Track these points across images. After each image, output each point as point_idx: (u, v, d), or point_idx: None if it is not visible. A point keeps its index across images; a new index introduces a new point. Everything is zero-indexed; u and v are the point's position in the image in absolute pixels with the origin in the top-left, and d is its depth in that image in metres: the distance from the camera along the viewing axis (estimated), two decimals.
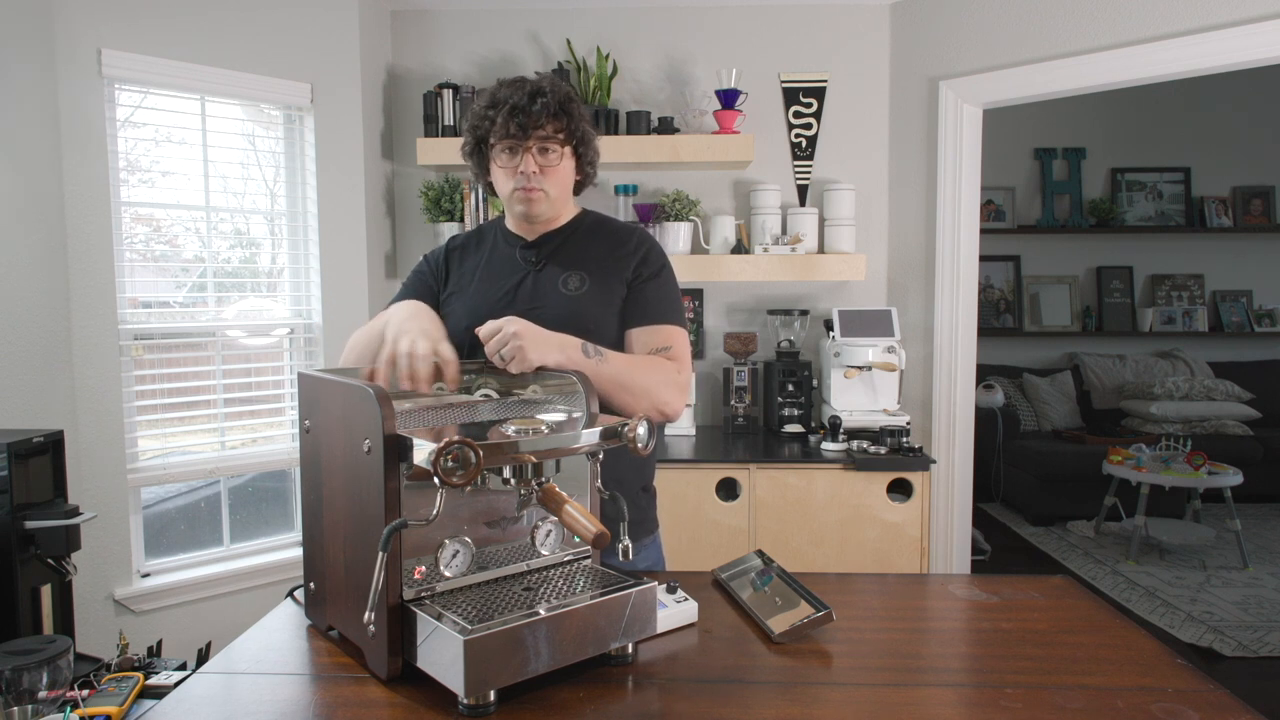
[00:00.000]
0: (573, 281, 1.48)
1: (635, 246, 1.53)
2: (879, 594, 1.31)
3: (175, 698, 0.97)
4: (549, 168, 1.44)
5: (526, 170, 1.43)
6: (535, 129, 1.41)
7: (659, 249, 1.57)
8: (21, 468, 1.97)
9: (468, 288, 1.54)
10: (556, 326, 1.39)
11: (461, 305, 1.53)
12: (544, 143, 1.43)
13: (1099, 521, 4.57)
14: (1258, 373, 5.44)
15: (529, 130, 1.41)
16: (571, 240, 1.54)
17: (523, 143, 1.42)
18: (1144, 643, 1.10)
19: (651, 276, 1.51)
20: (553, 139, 1.43)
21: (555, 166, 1.45)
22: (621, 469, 1.49)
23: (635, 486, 1.56)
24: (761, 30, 3.25)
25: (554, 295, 1.47)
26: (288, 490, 2.98)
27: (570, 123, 1.44)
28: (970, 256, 3.11)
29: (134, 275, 2.60)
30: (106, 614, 2.51)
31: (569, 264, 1.50)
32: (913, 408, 3.20)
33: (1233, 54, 2.54)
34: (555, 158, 1.45)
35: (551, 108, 1.41)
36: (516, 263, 1.52)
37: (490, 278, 1.53)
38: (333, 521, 1.08)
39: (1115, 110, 5.53)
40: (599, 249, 1.52)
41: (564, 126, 1.43)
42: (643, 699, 0.96)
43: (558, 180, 1.47)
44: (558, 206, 1.51)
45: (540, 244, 1.53)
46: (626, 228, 1.59)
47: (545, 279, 1.49)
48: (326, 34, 2.84)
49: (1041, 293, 5.71)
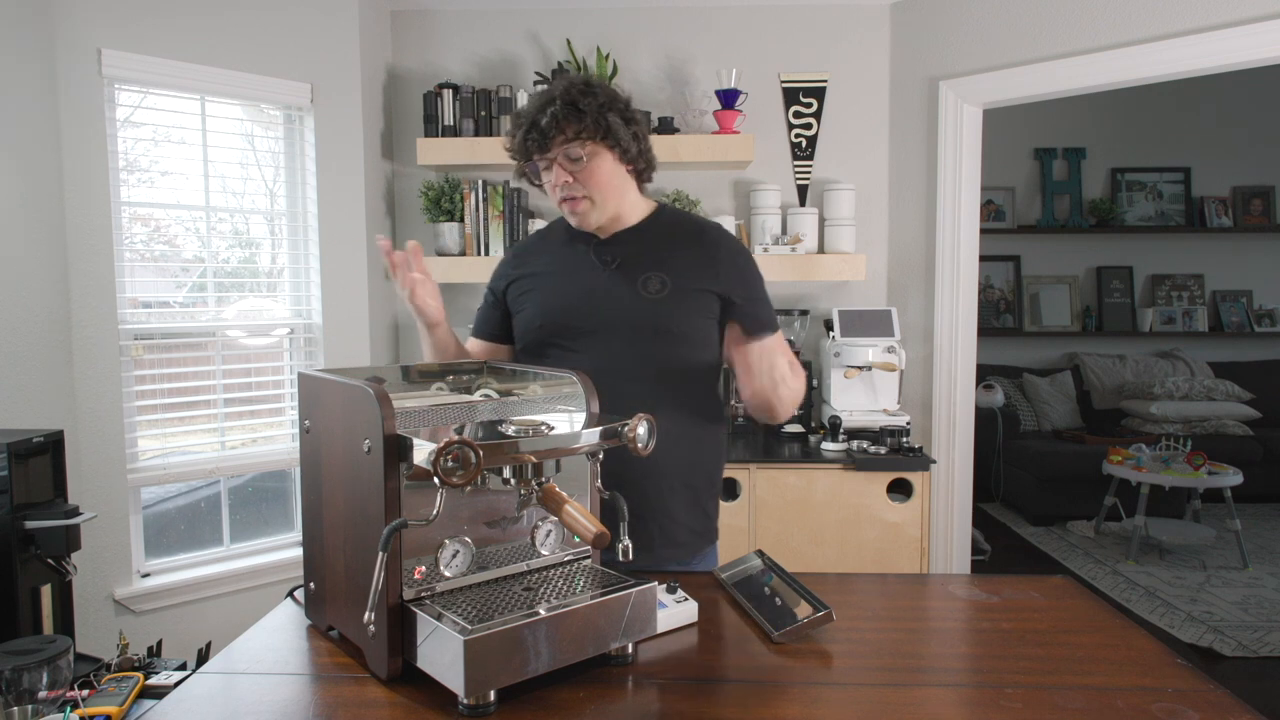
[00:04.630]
0: (653, 284, 1.43)
1: (714, 246, 1.47)
2: (879, 594, 1.31)
3: (175, 698, 0.97)
4: (581, 172, 1.39)
5: (559, 182, 1.40)
6: (553, 138, 1.37)
7: (739, 246, 1.53)
8: (21, 468, 1.97)
9: (541, 286, 1.50)
10: (635, 330, 1.39)
11: (534, 304, 1.49)
12: (566, 148, 1.38)
13: (1099, 521, 4.57)
14: (1258, 373, 5.44)
15: (548, 143, 1.37)
16: (647, 239, 1.48)
17: (546, 156, 1.39)
18: (1144, 643, 1.10)
19: (747, 280, 1.48)
20: (573, 142, 1.38)
21: (587, 169, 1.39)
22: (695, 475, 1.49)
23: (709, 494, 1.54)
24: (761, 30, 3.25)
25: (633, 298, 1.43)
26: (288, 490, 2.98)
27: (585, 120, 1.37)
28: (970, 256, 3.11)
29: (134, 275, 2.60)
30: (106, 614, 2.51)
31: (647, 264, 1.44)
32: (913, 408, 3.20)
33: (1233, 54, 2.54)
34: (585, 162, 1.39)
35: (560, 113, 1.36)
36: (590, 261, 1.47)
37: (564, 276, 1.48)
38: (333, 521, 1.08)
39: (1115, 110, 5.53)
40: (678, 248, 1.47)
41: (582, 126, 1.37)
42: (643, 699, 0.96)
43: (598, 182, 1.40)
44: (611, 208, 1.44)
45: (614, 242, 1.48)
46: (701, 225, 1.53)
47: (622, 279, 1.44)
48: (326, 34, 2.84)
49: (1041, 293, 5.71)
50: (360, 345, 2.97)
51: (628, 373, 1.41)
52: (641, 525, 1.44)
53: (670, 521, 1.46)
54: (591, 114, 1.37)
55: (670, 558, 1.47)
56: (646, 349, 1.42)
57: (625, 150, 1.42)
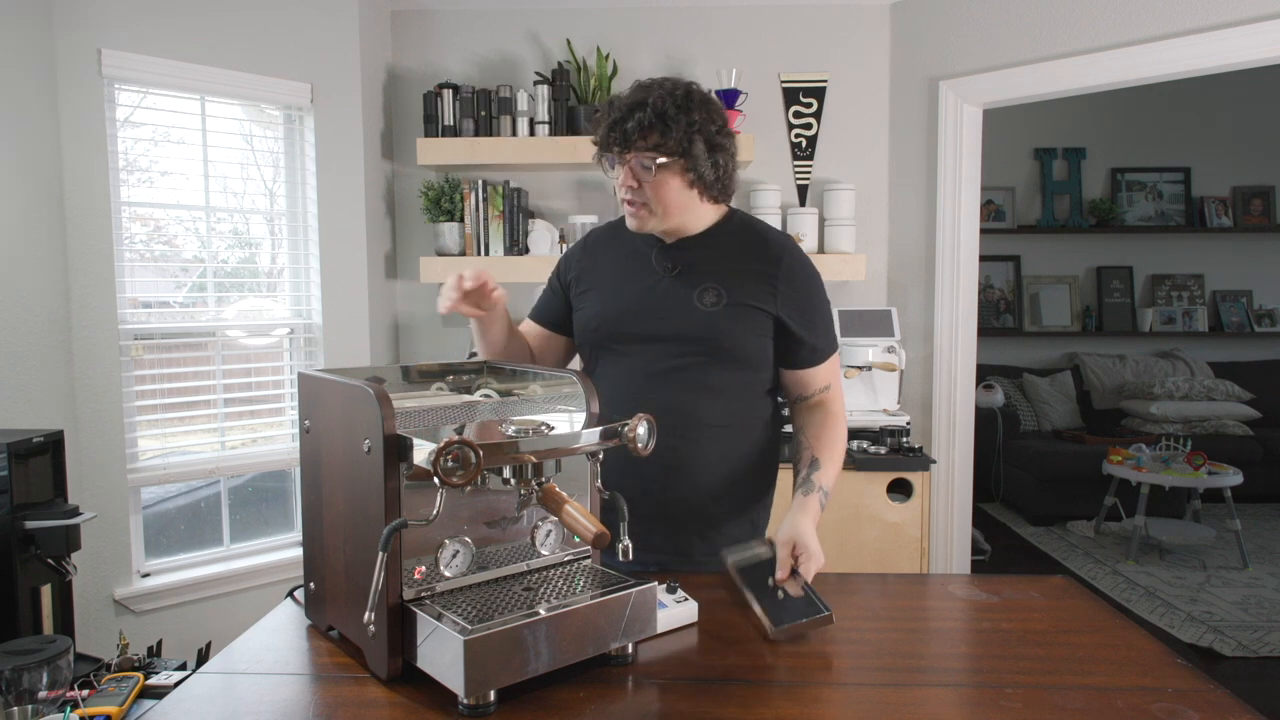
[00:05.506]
0: (709, 296, 1.40)
1: (775, 263, 1.43)
2: (879, 594, 1.31)
3: (175, 698, 0.97)
4: (649, 183, 1.36)
5: (625, 183, 1.38)
6: (633, 143, 1.34)
7: (805, 264, 1.47)
8: (21, 468, 1.97)
9: (602, 284, 1.49)
10: (688, 342, 1.38)
11: (592, 304, 1.49)
12: (642, 156, 1.35)
13: (1099, 521, 4.57)
14: (1258, 373, 5.44)
15: (627, 146, 1.35)
16: (711, 248, 1.44)
17: (623, 156, 1.37)
18: (1144, 643, 1.10)
19: (805, 304, 1.44)
20: (650, 152, 1.34)
21: (655, 181, 1.36)
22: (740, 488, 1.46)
23: (758, 504, 1.51)
24: (761, 30, 3.25)
25: (687, 308, 1.41)
26: (288, 490, 2.98)
27: (670, 136, 1.32)
28: (970, 256, 3.11)
29: (134, 275, 2.60)
30: (106, 614, 2.51)
31: (706, 275, 1.42)
32: (913, 408, 3.20)
33: (1233, 54, 2.54)
34: (653, 174, 1.35)
35: (646, 121, 1.32)
36: (651, 266, 1.45)
37: (624, 278, 1.47)
38: (333, 521, 1.08)
39: (1115, 110, 5.53)
40: (739, 261, 1.43)
41: (662, 141, 1.33)
42: (643, 699, 0.96)
43: (663, 195, 1.37)
44: (671, 221, 1.41)
45: (678, 249, 1.45)
46: (767, 237, 1.47)
47: (680, 288, 1.42)
48: (326, 34, 2.84)
49: (1041, 293, 5.71)
50: (360, 345, 2.97)
51: (676, 383, 1.40)
52: (684, 534, 1.43)
53: (714, 531, 1.44)
54: (678, 133, 1.33)
55: (710, 566, 1.43)
56: (697, 361, 1.40)
57: (701, 175, 1.37)
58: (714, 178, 1.39)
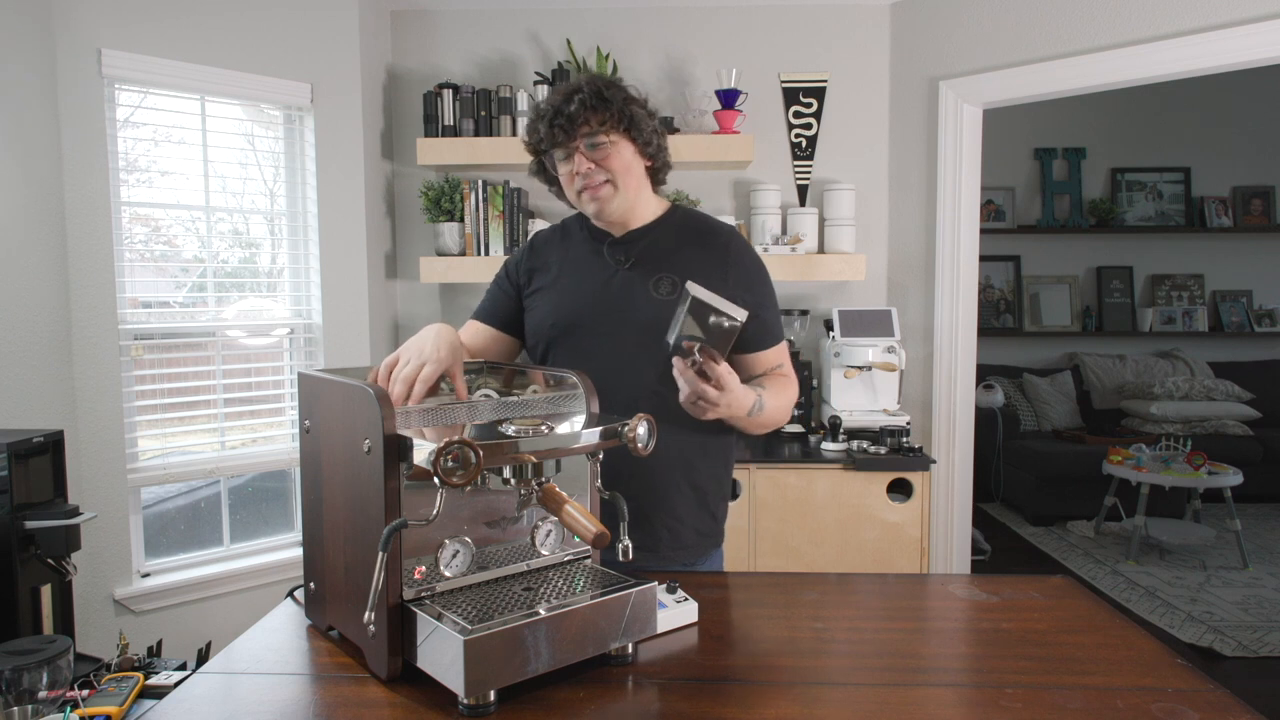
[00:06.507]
0: (664, 285, 1.44)
1: (724, 249, 1.48)
2: (879, 594, 1.31)
3: (175, 698, 0.97)
4: (605, 159, 1.41)
5: (581, 169, 1.41)
6: (579, 127, 1.39)
7: (751, 252, 1.53)
8: (21, 468, 1.97)
9: (555, 282, 1.51)
10: (646, 331, 1.39)
11: (547, 302, 1.50)
12: (591, 138, 1.39)
13: (1099, 521, 4.57)
14: (1258, 373, 5.44)
15: (573, 130, 1.39)
16: (661, 238, 1.49)
17: (570, 144, 1.40)
18: (1144, 643, 1.10)
19: (755, 286, 1.47)
20: (598, 131, 1.39)
21: (610, 156, 1.41)
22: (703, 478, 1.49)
23: (718, 496, 1.54)
24: (761, 30, 3.24)
25: (644, 298, 1.44)
26: (288, 490, 2.98)
27: (611, 110, 1.39)
28: (970, 256, 3.11)
29: (134, 275, 2.60)
30: (106, 614, 2.51)
31: (659, 265, 1.46)
32: (913, 408, 3.20)
33: (1233, 54, 2.54)
34: (608, 148, 1.40)
35: (589, 101, 1.38)
36: (604, 260, 1.48)
37: (576, 274, 1.49)
38: (333, 521, 1.08)
39: (1115, 110, 5.53)
40: (689, 249, 1.48)
41: (607, 116, 1.39)
42: (643, 699, 0.96)
43: (619, 167, 1.42)
44: (630, 198, 1.45)
45: (628, 241, 1.49)
46: (715, 227, 1.53)
47: (635, 279, 1.45)
48: (326, 34, 2.84)
49: (1041, 293, 5.71)
50: (360, 345, 2.97)
51: (638, 374, 1.41)
52: (649, 527, 1.44)
53: (677, 523, 1.46)
54: (616, 105, 1.40)
55: (676, 559, 1.47)
56: (657, 350, 1.41)
57: (646, 143, 1.45)
58: (657, 146, 1.47)
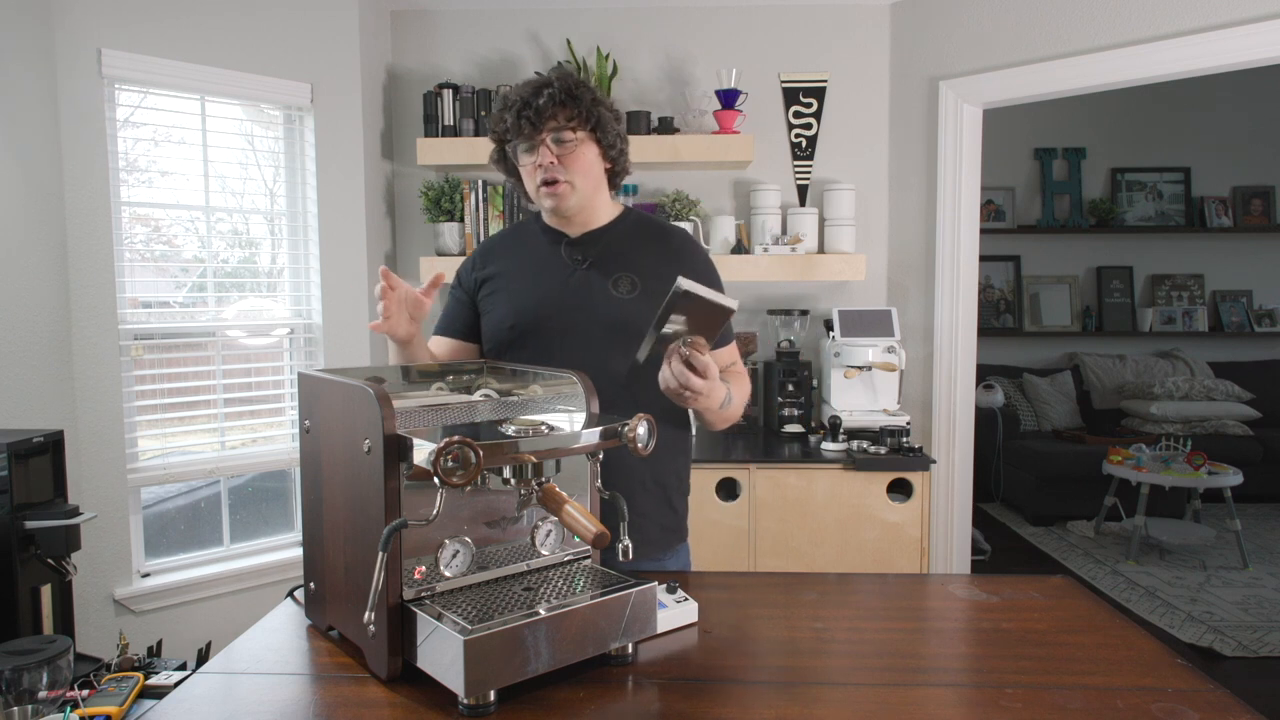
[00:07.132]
0: (624, 285, 1.46)
1: (679, 250, 1.52)
2: (879, 594, 1.31)
3: (175, 698, 0.97)
4: (567, 156, 1.42)
5: (544, 163, 1.42)
6: (546, 121, 1.40)
7: (703, 253, 1.58)
8: (21, 468, 1.97)
9: (511, 284, 1.51)
10: (607, 330, 1.40)
11: (505, 303, 1.50)
12: (557, 133, 1.41)
13: (1099, 521, 4.57)
14: (1258, 373, 5.44)
15: (540, 124, 1.40)
16: (618, 239, 1.51)
17: (536, 137, 1.41)
18: (1144, 643, 1.10)
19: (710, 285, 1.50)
20: (565, 127, 1.41)
21: (574, 154, 1.42)
22: (665, 473, 1.50)
23: (678, 491, 1.55)
24: (761, 30, 3.24)
25: (603, 297, 1.45)
26: (288, 490, 2.98)
27: (580, 108, 1.41)
28: (970, 256, 3.11)
29: (134, 275, 2.60)
30: (106, 614, 2.51)
31: (617, 265, 1.47)
32: (913, 408, 3.20)
33: (1233, 54, 2.54)
34: (573, 146, 1.42)
35: (558, 97, 1.40)
36: (561, 260, 1.49)
37: (534, 274, 1.50)
38: (333, 521, 1.08)
39: (1115, 110, 5.53)
40: (647, 251, 1.50)
41: (575, 113, 1.41)
42: (643, 699, 0.96)
43: (581, 169, 1.44)
44: (587, 197, 1.47)
45: (585, 241, 1.50)
46: (668, 229, 1.57)
47: (593, 279, 1.47)
48: (326, 34, 2.84)
49: (1041, 293, 5.71)
50: (360, 345, 2.97)
51: (599, 372, 1.40)
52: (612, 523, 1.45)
53: (642, 519, 1.47)
54: (585, 104, 1.42)
55: (643, 555, 1.47)
56: (618, 348, 1.42)
57: (610, 146, 1.47)
58: (619, 151, 1.49)
